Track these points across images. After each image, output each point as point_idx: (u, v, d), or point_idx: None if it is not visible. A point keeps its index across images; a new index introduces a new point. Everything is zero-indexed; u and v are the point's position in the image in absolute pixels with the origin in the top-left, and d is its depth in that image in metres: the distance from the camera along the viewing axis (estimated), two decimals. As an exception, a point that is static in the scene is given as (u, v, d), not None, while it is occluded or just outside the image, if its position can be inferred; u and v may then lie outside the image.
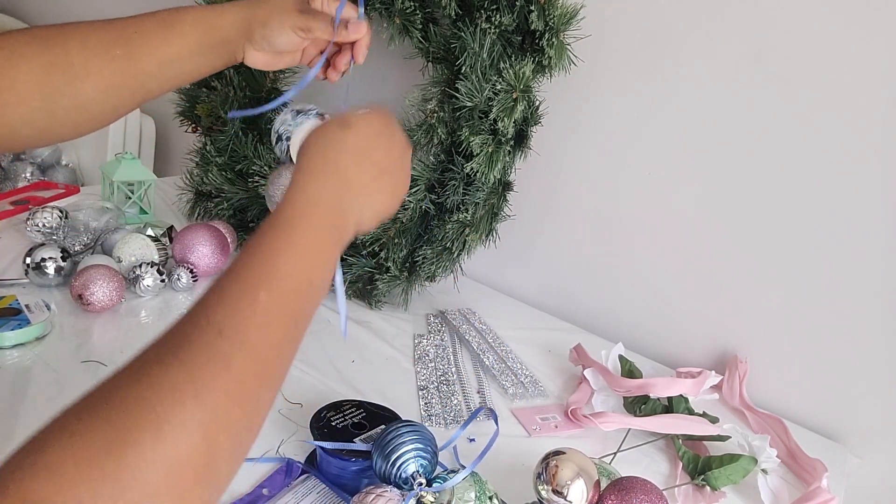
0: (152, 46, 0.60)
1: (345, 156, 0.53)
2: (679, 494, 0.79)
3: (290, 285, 0.44)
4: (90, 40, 0.58)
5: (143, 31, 0.60)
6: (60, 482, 0.31)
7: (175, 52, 0.61)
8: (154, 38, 0.60)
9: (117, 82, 0.59)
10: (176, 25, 0.61)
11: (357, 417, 0.74)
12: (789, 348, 1.00)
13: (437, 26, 1.05)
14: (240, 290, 0.42)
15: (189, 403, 0.35)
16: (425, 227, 1.06)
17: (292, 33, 0.64)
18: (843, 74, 0.88)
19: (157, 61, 0.60)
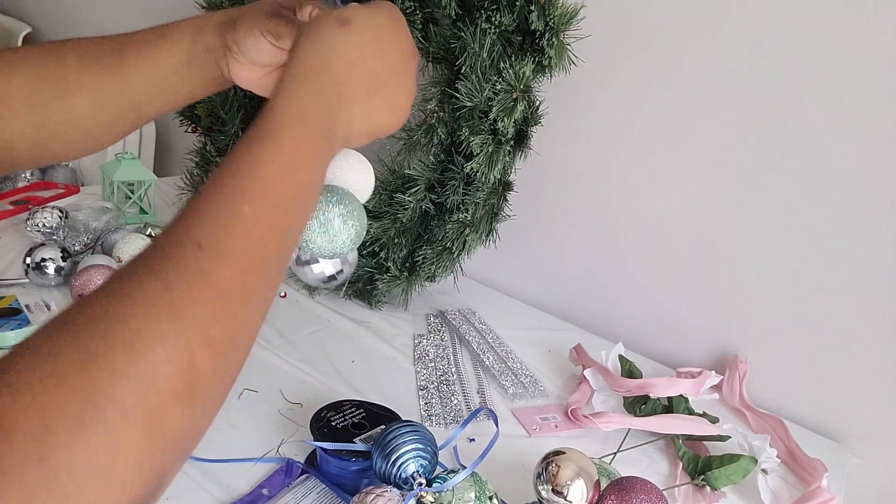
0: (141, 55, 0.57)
1: (339, 61, 0.48)
2: (679, 494, 0.79)
3: (275, 198, 0.41)
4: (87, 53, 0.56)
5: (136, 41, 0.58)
6: (24, 400, 0.29)
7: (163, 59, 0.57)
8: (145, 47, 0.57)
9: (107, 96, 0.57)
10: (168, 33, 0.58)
11: (357, 417, 0.74)
12: (789, 348, 1.00)
13: (437, 26, 1.05)
14: (221, 203, 0.39)
15: (164, 317, 0.33)
16: (425, 227, 1.06)
17: (261, 38, 0.56)
18: (844, 74, 0.88)
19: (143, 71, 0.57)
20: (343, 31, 0.49)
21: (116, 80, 0.56)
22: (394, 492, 0.63)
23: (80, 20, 1.90)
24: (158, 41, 0.57)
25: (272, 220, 0.41)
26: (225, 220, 0.39)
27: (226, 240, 0.38)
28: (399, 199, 1.01)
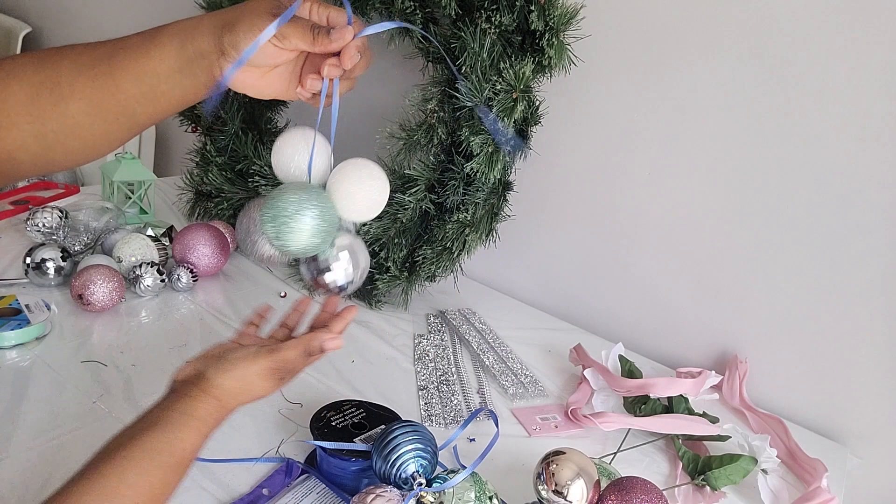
0: (131, 60, 0.57)
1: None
2: (679, 494, 0.79)
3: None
4: (81, 58, 0.56)
5: (127, 46, 0.57)
6: None
7: (153, 65, 0.57)
8: (135, 52, 0.57)
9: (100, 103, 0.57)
10: (157, 37, 0.57)
11: (357, 417, 0.74)
12: (789, 348, 1.00)
13: (437, 26, 1.05)
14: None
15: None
16: (425, 227, 1.06)
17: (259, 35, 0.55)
18: (844, 74, 0.88)
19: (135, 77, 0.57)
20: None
21: (109, 87, 0.56)
22: (394, 492, 0.63)
23: (80, 20, 1.90)
24: (148, 47, 0.57)
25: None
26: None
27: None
28: (399, 199, 1.01)
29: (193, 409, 0.57)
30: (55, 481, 0.66)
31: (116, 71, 0.56)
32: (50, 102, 0.55)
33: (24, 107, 0.55)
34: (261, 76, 0.59)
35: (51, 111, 0.55)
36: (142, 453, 0.53)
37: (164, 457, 0.54)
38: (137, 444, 0.54)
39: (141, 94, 0.57)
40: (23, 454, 0.69)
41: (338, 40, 0.57)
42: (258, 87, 0.60)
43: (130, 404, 0.79)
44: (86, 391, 0.80)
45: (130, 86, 0.57)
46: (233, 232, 1.17)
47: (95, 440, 0.72)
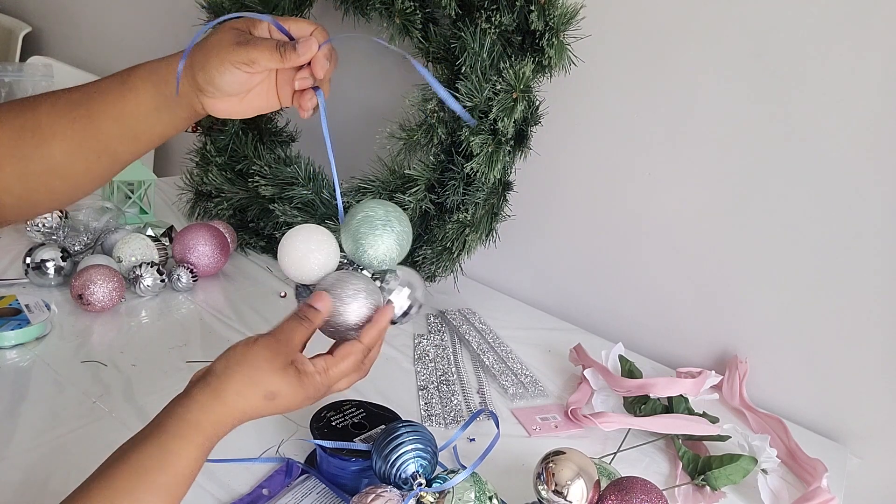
0: (109, 104, 0.58)
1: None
2: (679, 494, 0.79)
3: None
4: (59, 102, 0.58)
5: (102, 90, 0.59)
6: None
7: (131, 108, 0.59)
8: (111, 96, 0.59)
9: (81, 143, 0.58)
10: (128, 80, 0.59)
11: (357, 417, 0.74)
12: (789, 348, 1.00)
13: (437, 26, 1.05)
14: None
15: None
16: (425, 227, 1.06)
17: (235, 70, 0.57)
18: (844, 74, 0.88)
19: (114, 119, 0.58)
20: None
21: (89, 128, 0.58)
22: (393, 492, 0.63)
23: (81, 20, 1.90)
24: (122, 91, 0.59)
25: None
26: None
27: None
28: (399, 199, 1.01)
29: (190, 411, 0.51)
30: (55, 481, 0.67)
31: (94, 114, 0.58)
32: (32, 145, 0.57)
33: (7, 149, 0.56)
34: (240, 101, 0.61)
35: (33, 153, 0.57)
36: (131, 474, 0.49)
37: (155, 475, 0.49)
38: (127, 463, 0.50)
39: (121, 134, 0.59)
40: (23, 454, 0.69)
41: (305, 53, 0.58)
42: (240, 111, 0.62)
43: (130, 404, 0.79)
44: (86, 391, 0.80)
45: (110, 127, 0.58)
46: (233, 232, 1.17)
47: (95, 440, 0.73)
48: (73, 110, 0.58)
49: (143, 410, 0.78)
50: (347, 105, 1.33)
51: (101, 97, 0.58)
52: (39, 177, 0.58)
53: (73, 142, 0.58)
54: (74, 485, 0.67)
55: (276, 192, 1.11)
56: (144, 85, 0.59)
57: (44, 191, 0.59)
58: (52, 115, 0.57)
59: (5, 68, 1.50)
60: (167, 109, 0.59)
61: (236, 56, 0.57)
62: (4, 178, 0.56)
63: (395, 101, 1.10)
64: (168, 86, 0.59)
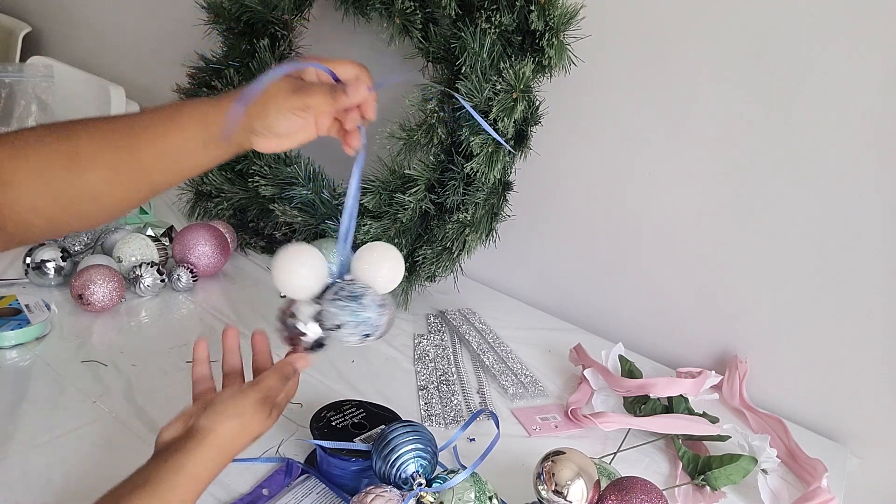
0: (154, 138, 0.60)
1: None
2: (679, 494, 0.79)
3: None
4: (98, 132, 0.59)
5: (146, 124, 0.61)
6: None
7: (176, 144, 0.61)
8: (156, 131, 0.60)
9: (122, 173, 0.60)
10: (176, 118, 0.61)
11: (357, 417, 0.74)
12: (789, 348, 1.00)
13: (437, 26, 1.05)
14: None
15: None
16: (425, 227, 1.06)
17: (293, 116, 0.61)
18: (844, 74, 0.88)
19: (158, 153, 0.60)
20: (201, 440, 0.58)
21: (131, 160, 0.59)
22: (393, 492, 0.63)
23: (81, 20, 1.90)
24: (169, 126, 0.61)
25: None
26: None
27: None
28: (399, 199, 1.01)
29: (189, 463, 0.55)
30: (55, 481, 0.67)
31: (138, 146, 0.60)
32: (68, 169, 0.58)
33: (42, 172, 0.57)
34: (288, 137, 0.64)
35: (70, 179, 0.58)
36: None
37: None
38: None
39: (164, 168, 0.61)
40: (23, 454, 0.69)
41: (355, 95, 0.61)
42: (285, 145, 0.65)
43: (130, 404, 0.79)
44: (86, 391, 0.80)
45: (154, 160, 0.60)
46: (233, 232, 1.17)
47: (95, 440, 0.73)
48: (115, 140, 0.59)
49: (142, 410, 0.78)
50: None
51: (146, 131, 0.60)
52: (73, 200, 0.59)
53: (112, 170, 0.59)
54: (74, 484, 0.67)
55: (276, 192, 1.11)
56: (192, 124, 0.61)
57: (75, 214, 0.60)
58: (92, 142, 0.59)
59: (5, 68, 1.50)
60: (214, 147, 0.62)
61: (293, 103, 0.60)
62: (37, 200, 0.57)
63: (395, 101, 1.10)
64: (216, 127, 0.61)
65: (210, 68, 1.18)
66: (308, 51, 1.21)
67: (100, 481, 0.67)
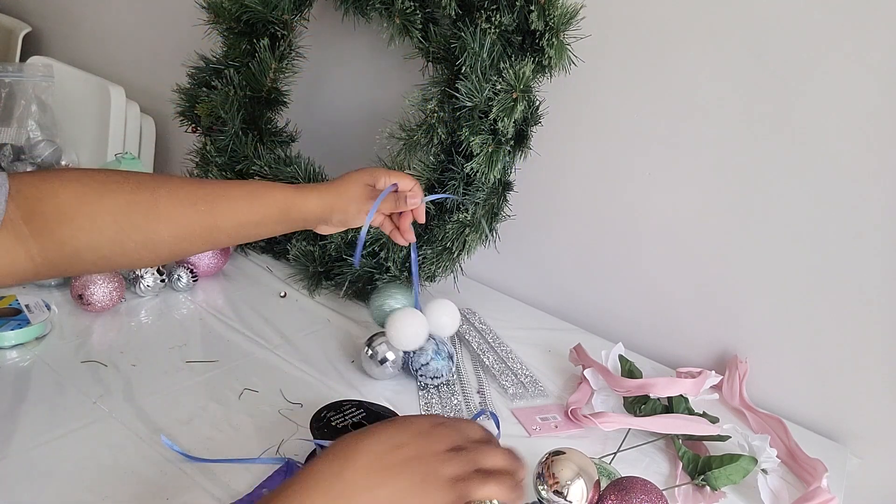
0: (235, 211, 0.67)
1: (351, 469, 0.48)
2: (679, 494, 0.79)
3: None
4: (180, 192, 0.64)
5: (231, 196, 0.67)
6: None
7: (255, 220, 0.68)
8: (239, 205, 0.67)
9: (193, 231, 0.64)
10: (262, 198, 0.69)
11: (357, 417, 0.74)
12: (789, 348, 1.00)
13: (437, 26, 1.05)
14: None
15: None
16: (425, 227, 1.06)
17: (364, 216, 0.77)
18: (844, 74, 0.88)
19: (237, 223, 0.67)
20: (361, 442, 0.50)
21: (205, 222, 0.64)
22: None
23: (81, 20, 1.90)
24: (251, 202, 0.68)
25: None
26: None
27: None
28: (399, 199, 1.01)
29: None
30: (55, 481, 0.67)
31: (217, 214, 0.65)
32: (143, 220, 0.61)
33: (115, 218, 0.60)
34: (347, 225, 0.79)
35: (142, 226, 0.61)
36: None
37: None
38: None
39: (234, 233, 0.68)
40: (23, 454, 0.69)
41: (413, 203, 0.79)
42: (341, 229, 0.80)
43: (130, 404, 0.79)
44: (86, 391, 0.80)
45: (226, 227, 0.67)
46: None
47: (95, 440, 0.73)
48: (195, 204, 0.64)
49: (143, 411, 0.78)
50: (347, 105, 1.33)
51: (228, 202, 0.66)
52: (137, 247, 0.62)
53: (186, 229, 0.63)
54: (74, 484, 0.67)
55: (276, 192, 1.11)
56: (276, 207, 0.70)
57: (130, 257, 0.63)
58: (172, 200, 0.63)
59: (5, 68, 1.50)
60: (287, 225, 0.73)
61: (367, 207, 0.77)
62: (100, 239, 0.59)
63: (395, 101, 1.10)
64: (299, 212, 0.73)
65: (210, 68, 1.18)
66: (308, 51, 1.21)
67: (100, 481, 0.68)
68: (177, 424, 0.77)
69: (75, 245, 0.58)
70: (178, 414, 0.78)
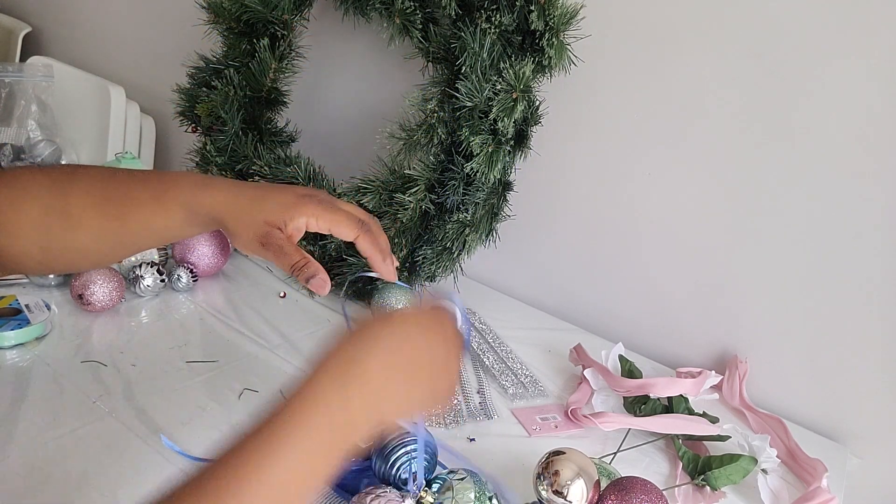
0: (142, 216, 0.61)
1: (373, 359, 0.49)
2: (679, 494, 0.79)
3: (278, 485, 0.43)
4: (92, 192, 0.61)
5: (137, 200, 0.61)
6: None
7: (163, 224, 0.62)
8: (145, 210, 0.61)
9: (110, 236, 0.61)
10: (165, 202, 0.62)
11: (357, 417, 0.74)
12: (789, 348, 1.00)
13: (437, 26, 1.05)
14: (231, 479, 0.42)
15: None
16: (425, 227, 1.06)
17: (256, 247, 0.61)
18: (844, 74, 0.88)
19: (145, 230, 0.62)
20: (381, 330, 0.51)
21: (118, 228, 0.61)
22: (393, 492, 0.63)
23: (81, 20, 1.90)
24: (156, 208, 0.62)
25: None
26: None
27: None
28: (399, 199, 1.01)
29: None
30: (55, 481, 0.67)
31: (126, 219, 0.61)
32: (59, 227, 0.59)
33: (35, 224, 0.59)
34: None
35: (59, 234, 0.60)
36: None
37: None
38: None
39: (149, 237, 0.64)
40: (23, 454, 0.69)
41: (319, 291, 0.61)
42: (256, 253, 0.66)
43: (130, 404, 0.79)
44: (86, 391, 0.80)
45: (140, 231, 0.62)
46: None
47: (95, 440, 0.73)
48: (105, 208, 0.61)
49: (143, 410, 0.78)
50: (347, 105, 1.33)
51: (136, 209, 0.62)
52: (62, 252, 0.61)
53: (101, 233, 0.61)
54: (75, 484, 0.67)
55: (276, 192, 1.11)
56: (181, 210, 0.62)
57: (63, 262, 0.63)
58: (84, 203, 0.60)
59: (5, 68, 1.50)
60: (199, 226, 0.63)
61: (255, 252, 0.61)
62: (28, 246, 0.59)
63: (395, 101, 1.10)
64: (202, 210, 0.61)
65: (210, 68, 1.18)
66: (308, 50, 1.21)
67: (100, 481, 0.68)
68: (177, 424, 0.77)
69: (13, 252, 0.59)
70: (178, 414, 0.78)
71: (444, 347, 0.55)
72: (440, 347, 0.55)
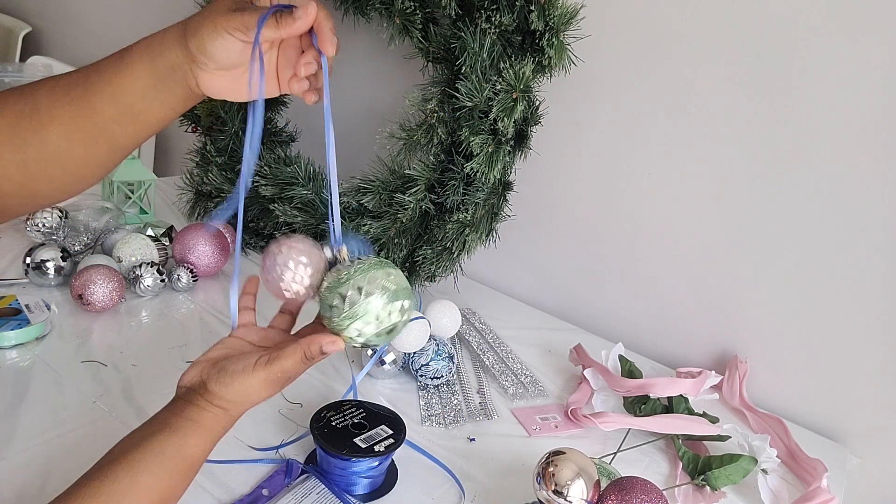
0: (105, 83, 0.57)
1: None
2: (679, 494, 0.79)
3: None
4: (58, 85, 0.57)
5: (100, 69, 0.57)
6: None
7: (127, 86, 0.57)
8: (107, 74, 0.57)
9: (79, 126, 0.57)
10: (125, 57, 0.57)
11: (357, 417, 0.74)
12: (789, 348, 1.00)
13: (437, 26, 1.05)
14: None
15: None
16: (425, 227, 1.06)
17: (229, 36, 0.54)
18: (844, 74, 0.88)
19: (111, 100, 0.57)
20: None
21: (85, 110, 0.57)
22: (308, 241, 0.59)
23: (81, 20, 1.90)
24: (119, 66, 0.57)
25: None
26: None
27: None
28: (399, 199, 1.01)
29: (200, 417, 0.56)
30: (55, 481, 0.67)
31: (91, 94, 0.57)
32: (29, 130, 0.56)
33: (5, 135, 0.56)
34: (235, 78, 0.58)
35: (31, 138, 0.56)
36: (153, 456, 0.53)
37: (175, 462, 0.54)
38: (148, 447, 0.54)
39: (118, 114, 0.57)
40: (23, 454, 0.69)
41: (303, 17, 0.54)
42: (235, 91, 0.59)
43: (130, 404, 0.79)
44: (86, 391, 0.80)
45: (106, 107, 0.57)
46: (233, 232, 1.17)
47: (95, 440, 0.73)
48: (70, 91, 0.56)
49: (142, 410, 0.78)
50: (347, 105, 1.33)
51: (98, 76, 0.57)
52: (38, 164, 0.57)
53: (70, 125, 0.56)
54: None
55: (276, 192, 1.11)
56: (141, 59, 0.56)
57: (43, 179, 0.58)
58: (51, 98, 0.56)
59: (5, 68, 1.50)
60: (163, 87, 0.57)
61: (230, 22, 0.53)
62: (4, 165, 0.56)
63: (395, 101, 1.10)
64: (163, 57, 0.56)
65: (210, 68, 1.18)
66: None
67: (100, 481, 0.67)
68: (177, 424, 0.77)
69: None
70: (178, 414, 0.78)
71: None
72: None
